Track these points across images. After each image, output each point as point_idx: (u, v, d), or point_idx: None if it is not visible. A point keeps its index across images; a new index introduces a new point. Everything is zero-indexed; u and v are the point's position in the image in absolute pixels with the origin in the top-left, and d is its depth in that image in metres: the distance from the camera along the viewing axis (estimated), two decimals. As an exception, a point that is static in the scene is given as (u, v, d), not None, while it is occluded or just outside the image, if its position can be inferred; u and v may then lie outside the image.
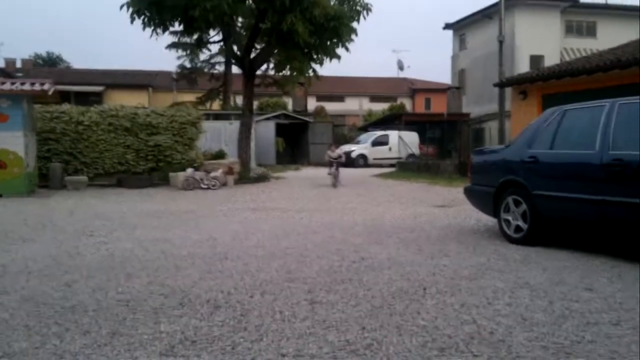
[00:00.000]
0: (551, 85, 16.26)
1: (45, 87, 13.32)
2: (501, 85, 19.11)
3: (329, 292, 4.49)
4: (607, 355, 3.11)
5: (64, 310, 4.03)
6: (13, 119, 12.84)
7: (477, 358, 3.09)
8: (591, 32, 32.00)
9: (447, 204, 11.39)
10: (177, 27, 16.46)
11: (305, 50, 16.39)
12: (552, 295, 4.36)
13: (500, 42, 20.02)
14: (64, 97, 20.85)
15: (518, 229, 6.71)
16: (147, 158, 16.63)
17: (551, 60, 27.96)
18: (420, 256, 5.96)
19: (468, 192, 7.95)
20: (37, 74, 36.03)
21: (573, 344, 3.29)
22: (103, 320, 3.81)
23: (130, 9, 14.67)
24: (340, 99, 47.75)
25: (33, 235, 7.42)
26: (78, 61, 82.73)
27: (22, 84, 13.36)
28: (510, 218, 6.84)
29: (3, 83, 13.36)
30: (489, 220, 8.11)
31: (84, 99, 31.90)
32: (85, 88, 36.01)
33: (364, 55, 69.57)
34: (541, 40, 30.14)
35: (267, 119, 31.07)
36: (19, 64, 42.91)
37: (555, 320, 3.74)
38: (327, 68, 61.13)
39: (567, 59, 27.12)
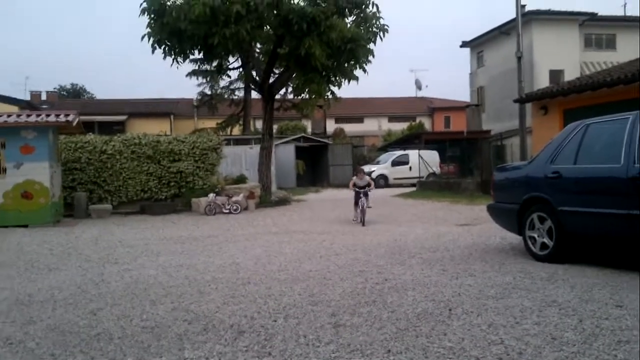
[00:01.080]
0: (572, 99, 16.10)
1: (70, 118, 13.60)
2: (521, 101, 18.98)
3: (353, 314, 4.45)
4: (641, 375, 3.02)
5: (90, 339, 4.05)
6: (39, 150, 13.12)
7: (506, 380, 3.02)
8: (611, 44, 31.73)
9: (470, 222, 11.26)
10: (197, 55, 16.77)
11: (323, 73, 16.53)
12: (582, 313, 4.25)
13: (519, 58, 19.94)
14: (88, 127, 21.28)
15: (544, 246, 6.59)
16: (169, 184, 16.82)
17: (571, 74, 27.73)
18: (445, 276, 5.88)
19: (491, 210, 7.85)
20: (62, 105, 36.95)
21: (605, 364, 3.19)
22: (128, 347, 3.82)
23: (151, 39, 15.00)
24: (359, 120, 47.87)
25: (59, 264, 7.51)
26: (101, 92, 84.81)
27: (48, 115, 13.67)
28: (535, 235, 6.73)
29: (29, 115, 13.70)
30: (514, 238, 8.00)
31: (107, 128, 32.49)
32: (109, 118, 36.74)
33: (381, 76, 69.89)
34: (560, 54, 29.95)
35: (287, 142, 31.25)
36: (44, 97, 43.98)
37: (586, 339, 3.64)
38: (346, 90, 61.47)
39: (587, 72, 26.88)
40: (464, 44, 36.82)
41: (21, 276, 6.69)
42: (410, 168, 29.49)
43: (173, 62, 15.77)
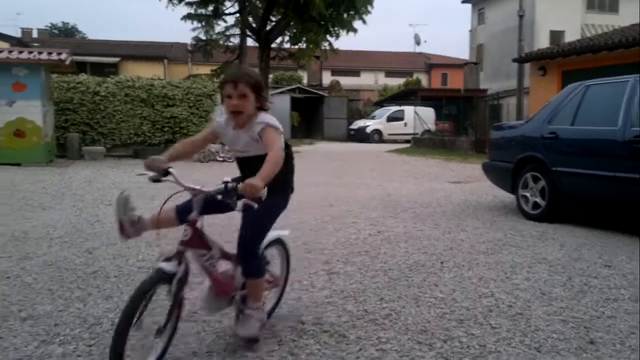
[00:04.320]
0: (571, 61, 16.00)
1: (62, 56, 13.35)
2: (520, 60, 18.84)
3: (346, 263, 4.52)
4: (627, 331, 3.11)
5: (86, 276, 4.10)
6: (31, 88, 12.92)
7: (495, 330, 3.10)
8: (613, 7, 31.27)
9: (463, 180, 11.34)
10: (194, -3, 16.36)
11: (322, 23, 16.24)
12: (571, 271, 4.34)
13: (520, 17, 19.66)
14: (80, 67, 20.89)
15: (536, 205, 6.67)
16: (163, 130, 16.69)
17: (572, 36, 27.43)
18: (437, 231, 5.96)
19: (486, 168, 7.89)
20: (53, 44, 36.08)
21: (592, 319, 3.28)
22: (124, 285, 3.87)
23: (147, -21, 14.60)
24: (355, 73, 47.33)
25: (52, 203, 7.51)
26: (93, 32, 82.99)
27: (40, 53, 13.40)
28: (528, 194, 6.80)
29: (21, 52, 13.41)
30: (506, 197, 8.07)
31: (99, 69, 31.94)
32: (101, 59, 36.05)
33: (380, 29, 68.72)
34: (562, 15, 29.53)
35: (282, 92, 30.95)
36: (35, 34, 42.98)
37: (574, 295, 3.73)
38: (343, 42, 60.50)
39: (588, 35, 26.59)
40: (466, 0, 36.16)
41: (15, 213, 6.69)
42: (405, 124, 29.45)
43: (168, 4, 15.40)
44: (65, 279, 4.03)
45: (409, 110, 29.68)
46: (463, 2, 36.43)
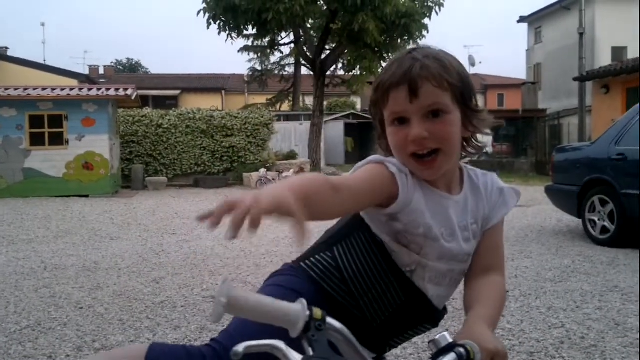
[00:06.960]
0: (636, 78, 15.42)
1: (129, 92, 13.99)
2: (582, 79, 18.32)
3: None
4: None
5: (154, 306, 4.22)
6: (99, 123, 13.58)
7: (568, 364, 2.99)
8: (680, 20, 29.99)
9: (525, 203, 11.02)
10: (251, 30, 16.86)
11: (376, 49, 16.35)
12: (647, 300, 4.14)
13: (581, 34, 19.16)
14: (143, 101, 21.82)
15: (604, 229, 6.42)
16: (222, 159, 17.14)
17: (635, 51, 26.42)
18: (500, 257, 5.80)
19: (549, 192, 7.67)
20: (119, 79, 37.93)
21: (673, 352, 3.11)
22: (191, 315, 3.96)
23: (207, 15, 15.17)
24: (409, 97, 47.13)
25: (120, 234, 7.81)
26: (156, 66, 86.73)
27: (108, 89, 14.11)
28: (595, 218, 6.56)
29: (90, 89, 14.15)
30: (571, 221, 7.80)
31: (161, 102, 33.21)
32: (163, 92, 37.51)
33: (433, 52, 68.58)
34: (624, 31, 28.53)
35: (336, 119, 31.20)
36: (101, 71, 45.23)
37: (652, 326, 3.55)
38: (396, 66, 60.35)
39: (654, 49, 25.56)
40: (522, 19, 35.60)
41: (85, 244, 7.00)
42: (461, 147, 28.98)
43: (227, 37, 15.93)
44: (135, 309, 4.16)
45: (465, 132, 29.25)
46: (519, 21, 35.87)
